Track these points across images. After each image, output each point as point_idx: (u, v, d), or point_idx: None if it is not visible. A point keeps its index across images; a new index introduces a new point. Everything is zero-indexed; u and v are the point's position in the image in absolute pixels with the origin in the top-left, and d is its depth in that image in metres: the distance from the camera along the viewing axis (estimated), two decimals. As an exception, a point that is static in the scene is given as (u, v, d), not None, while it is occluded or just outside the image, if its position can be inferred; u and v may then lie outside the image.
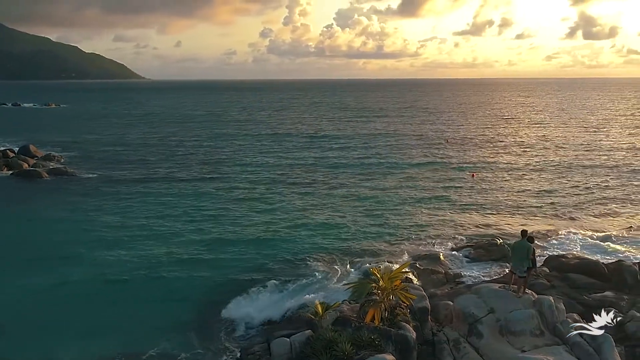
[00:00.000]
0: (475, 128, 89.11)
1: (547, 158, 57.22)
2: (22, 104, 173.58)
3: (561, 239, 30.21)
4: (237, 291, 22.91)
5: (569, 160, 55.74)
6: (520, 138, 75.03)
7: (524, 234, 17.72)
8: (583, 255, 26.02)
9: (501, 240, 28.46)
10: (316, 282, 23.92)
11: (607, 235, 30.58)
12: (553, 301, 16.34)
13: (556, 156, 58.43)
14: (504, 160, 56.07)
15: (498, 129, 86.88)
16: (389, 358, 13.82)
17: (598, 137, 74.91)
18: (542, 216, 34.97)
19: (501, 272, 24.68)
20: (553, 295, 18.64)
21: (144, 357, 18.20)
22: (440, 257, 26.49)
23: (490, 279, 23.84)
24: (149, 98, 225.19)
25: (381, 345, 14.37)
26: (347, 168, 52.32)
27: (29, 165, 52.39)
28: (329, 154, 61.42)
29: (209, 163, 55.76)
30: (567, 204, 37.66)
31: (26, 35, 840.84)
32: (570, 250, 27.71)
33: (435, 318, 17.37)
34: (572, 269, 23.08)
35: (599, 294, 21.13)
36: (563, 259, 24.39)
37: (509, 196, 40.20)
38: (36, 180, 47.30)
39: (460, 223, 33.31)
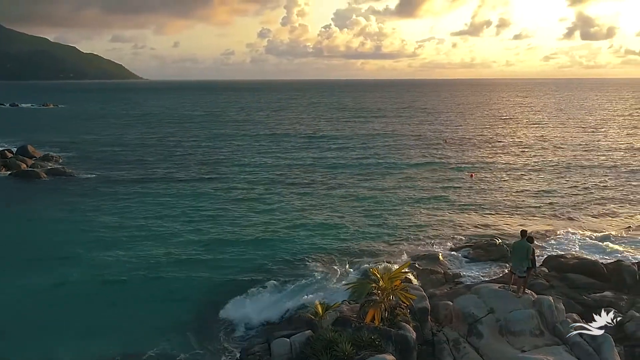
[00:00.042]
0: (473, 128, 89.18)
1: (546, 158, 57.29)
2: (20, 104, 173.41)
3: (560, 239, 30.27)
4: (236, 291, 22.94)
5: (568, 160, 55.81)
6: (518, 138, 75.10)
7: (524, 234, 17.72)
8: (582, 255, 26.08)
9: (500, 241, 28.51)
10: (315, 283, 23.94)
11: (606, 235, 30.65)
12: (553, 301, 16.34)
13: (555, 156, 58.51)
14: (502, 161, 56.13)
15: (496, 130, 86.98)
16: (389, 358, 13.82)
17: (596, 138, 75.03)
18: (541, 216, 35.01)
19: (500, 272, 24.73)
20: (552, 295, 18.65)
21: (144, 358, 18.23)
22: (440, 257, 26.51)
23: (490, 279, 23.87)
24: (147, 98, 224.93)
25: (381, 345, 14.36)
26: (346, 168, 52.33)
27: (27, 165, 52.35)
28: (328, 155, 61.42)
29: (208, 163, 55.72)
30: (566, 204, 37.71)
31: (24, 35, 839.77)
32: (569, 250, 27.78)
33: (435, 318, 17.36)
34: (571, 269, 23.13)
35: (598, 294, 21.18)
36: (562, 259, 24.44)
37: (508, 196, 40.23)
38: (34, 180, 47.26)
39: (459, 223, 33.33)
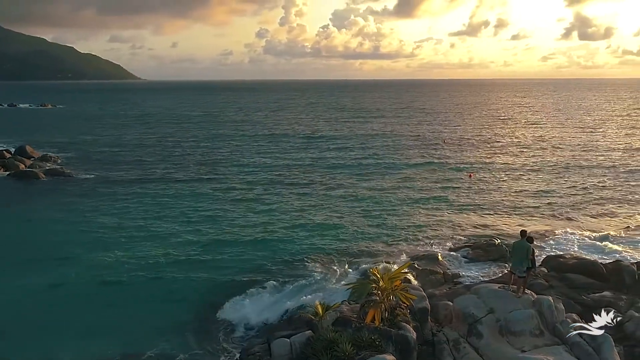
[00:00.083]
0: (472, 128, 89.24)
1: (544, 158, 57.33)
2: (18, 104, 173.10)
3: (559, 239, 30.28)
4: (235, 292, 22.93)
5: (566, 160, 55.87)
6: (517, 138, 75.16)
7: (524, 234, 17.73)
8: (581, 255, 26.09)
9: (499, 241, 28.53)
10: (314, 283, 23.92)
11: (605, 235, 30.65)
12: (552, 301, 16.36)
13: (553, 156, 58.56)
14: (501, 161, 56.15)
15: (495, 130, 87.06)
16: (390, 358, 13.82)
17: (595, 138, 75.12)
18: (540, 216, 35.02)
19: (499, 272, 24.74)
20: (552, 295, 18.65)
21: (143, 358, 18.21)
22: (439, 258, 26.47)
23: (489, 279, 23.86)
24: (145, 99, 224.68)
25: (382, 345, 14.36)
26: (345, 169, 52.32)
27: (25, 166, 52.27)
28: (327, 155, 61.41)
29: (206, 164, 55.67)
30: (565, 204, 37.74)
31: (22, 35, 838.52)
32: (567, 250, 27.80)
33: (434, 318, 17.35)
34: (571, 269, 23.10)
35: (597, 294, 21.17)
36: (561, 259, 24.40)
37: (507, 196, 40.25)
38: (33, 181, 47.20)
39: (458, 223, 33.33)
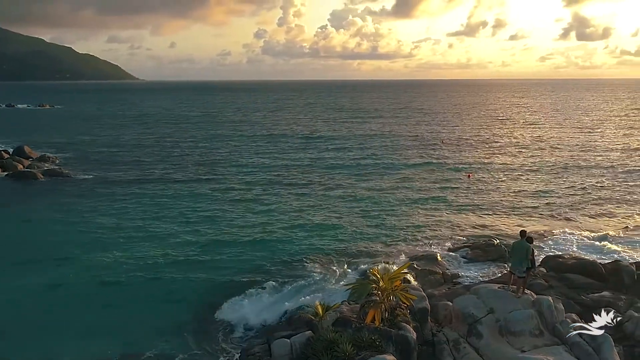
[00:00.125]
0: (470, 129, 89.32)
1: (543, 159, 57.41)
2: (16, 104, 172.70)
3: (557, 239, 30.30)
4: (234, 292, 22.90)
5: (565, 160, 55.93)
6: (515, 139, 75.25)
7: (523, 234, 17.70)
8: (580, 255, 26.12)
9: (498, 241, 28.53)
10: (314, 284, 23.90)
11: (604, 235, 30.69)
12: (552, 301, 16.35)
13: (551, 157, 58.63)
14: (499, 161, 56.21)
15: (493, 130, 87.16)
16: (390, 358, 13.81)
17: (593, 138, 75.23)
18: (539, 217, 35.06)
19: (499, 273, 24.75)
20: (551, 295, 18.64)
21: (142, 358, 18.21)
22: (438, 258, 26.45)
23: (488, 279, 23.86)
24: (144, 99, 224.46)
25: (382, 346, 14.35)
26: (343, 169, 52.33)
27: (23, 166, 52.16)
28: (325, 155, 61.41)
29: (205, 164, 55.64)
30: (563, 204, 37.78)
31: (20, 36, 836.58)
32: (566, 250, 27.83)
33: (434, 318, 17.35)
34: (570, 269, 23.11)
35: (596, 294, 21.18)
36: (560, 259, 24.39)
37: (505, 197, 40.28)
38: (31, 181, 47.13)
39: (457, 223, 33.35)
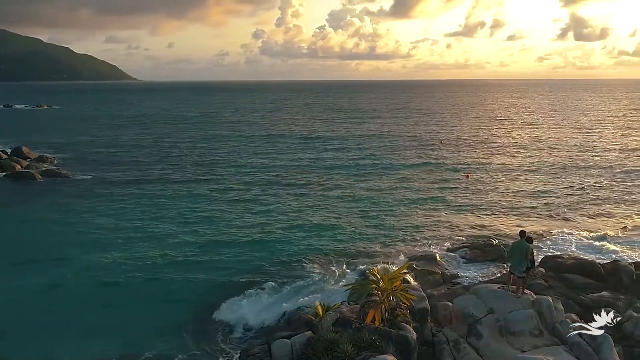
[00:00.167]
0: (468, 129, 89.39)
1: (541, 159, 57.46)
2: (14, 105, 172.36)
3: (556, 239, 30.29)
4: (233, 293, 22.85)
5: (563, 161, 56.01)
6: (513, 139, 75.31)
7: (523, 234, 17.70)
8: (579, 255, 26.13)
9: (497, 241, 28.52)
10: (313, 284, 23.86)
11: (602, 235, 30.71)
12: (552, 301, 16.37)
13: (550, 157, 58.70)
14: (498, 161, 56.25)
15: (491, 130, 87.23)
16: (390, 359, 13.81)
17: (591, 138, 75.33)
18: (537, 217, 35.08)
19: (498, 273, 24.75)
20: (551, 295, 18.66)
21: (142, 358, 18.14)
22: (437, 258, 26.42)
23: (487, 279, 23.86)
24: (142, 99, 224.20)
25: (382, 346, 14.35)
26: (342, 169, 52.31)
27: (22, 166, 52.00)
28: (324, 155, 61.39)
29: (203, 164, 55.58)
30: (562, 205, 37.81)
31: (17, 36, 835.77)
32: (565, 250, 27.83)
33: (434, 319, 17.35)
34: (569, 269, 23.12)
35: (595, 294, 21.19)
36: (559, 259, 24.41)
37: (504, 197, 40.31)
38: (29, 181, 47.03)
39: (456, 224, 33.34)
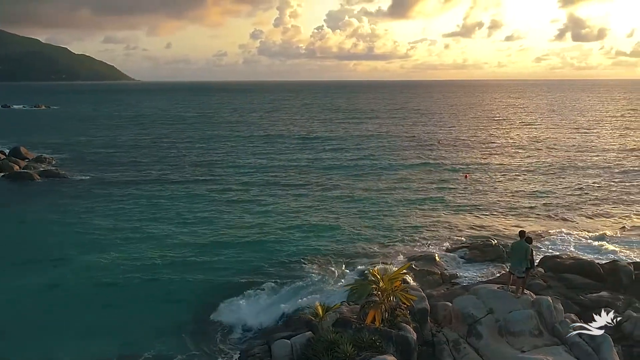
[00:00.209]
0: (467, 129, 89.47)
1: (540, 159, 57.53)
2: (12, 105, 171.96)
3: (555, 239, 30.32)
4: (232, 293, 22.82)
5: (561, 161, 56.07)
6: (512, 139, 75.38)
7: (522, 234, 17.69)
8: (578, 255, 26.14)
9: (496, 241, 28.52)
10: (312, 284, 23.84)
11: (601, 235, 30.78)
12: (551, 301, 16.38)
13: (548, 157, 58.77)
14: (496, 162, 56.28)
15: (490, 130, 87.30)
16: (390, 359, 13.80)
17: (589, 138, 75.44)
18: (536, 217, 35.11)
19: (497, 273, 24.76)
20: (550, 295, 18.67)
21: (141, 359, 18.08)
22: (436, 258, 26.43)
23: (486, 279, 23.87)
24: (140, 100, 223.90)
25: (382, 346, 14.35)
26: (341, 169, 52.29)
27: (20, 167, 51.85)
28: (322, 156, 61.36)
29: (202, 165, 55.52)
30: (560, 205, 37.85)
31: (15, 36, 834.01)
32: (564, 250, 27.85)
33: (434, 319, 17.34)
34: (568, 269, 23.13)
35: (595, 294, 21.21)
36: (558, 260, 24.42)
37: (503, 197, 40.34)
38: (28, 182, 46.91)
39: (455, 224, 33.35)
